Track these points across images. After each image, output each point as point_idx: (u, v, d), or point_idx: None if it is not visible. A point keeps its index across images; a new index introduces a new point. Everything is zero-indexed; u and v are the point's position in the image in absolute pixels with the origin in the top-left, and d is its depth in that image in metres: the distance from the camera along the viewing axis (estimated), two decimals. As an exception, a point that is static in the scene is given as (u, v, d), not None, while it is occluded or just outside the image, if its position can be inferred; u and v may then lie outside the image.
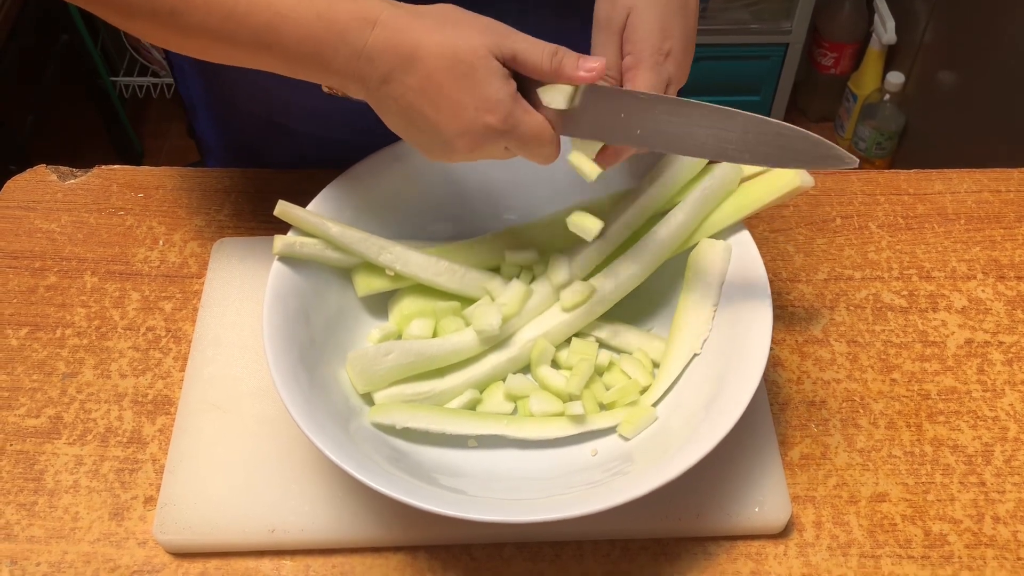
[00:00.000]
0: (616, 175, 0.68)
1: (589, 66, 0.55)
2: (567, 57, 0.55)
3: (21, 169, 0.84)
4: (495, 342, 0.66)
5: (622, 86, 0.58)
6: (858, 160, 0.53)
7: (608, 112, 0.57)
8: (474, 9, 0.56)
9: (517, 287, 0.66)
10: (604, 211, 0.67)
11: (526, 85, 0.57)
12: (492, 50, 0.54)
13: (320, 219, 0.64)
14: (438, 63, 0.53)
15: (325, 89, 0.59)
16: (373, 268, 0.66)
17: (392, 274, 0.66)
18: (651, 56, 0.57)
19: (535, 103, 0.57)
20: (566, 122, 0.57)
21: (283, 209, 0.63)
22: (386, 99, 0.55)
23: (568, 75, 0.55)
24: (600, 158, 0.59)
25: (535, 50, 0.55)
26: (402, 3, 0.55)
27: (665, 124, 0.56)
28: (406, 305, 0.67)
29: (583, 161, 0.58)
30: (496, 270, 0.70)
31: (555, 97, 0.56)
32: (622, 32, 0.59)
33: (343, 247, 0.65)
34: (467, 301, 0.68)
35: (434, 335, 0.67)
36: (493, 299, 0.67)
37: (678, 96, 0.59)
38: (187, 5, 0.53)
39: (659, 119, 0.56)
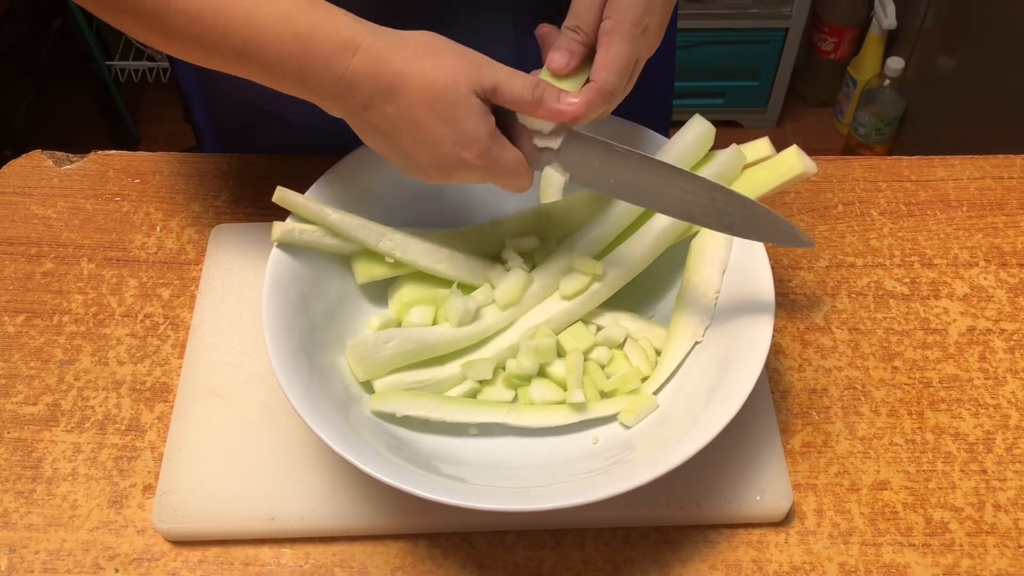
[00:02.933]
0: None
1: (570, 100, 0.56)
2: (548, 90, 0.56)
3: (16, 155, 0.83)
4: (495, 330, 0.65)
5: (595, 49, 0.58)
6: (815, 242, 0.54)
7: (584, 157, 0.58)
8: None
9: (517, 275, 0.66)
10: (605, 198, 0.66)
11: (506, 116, 0.57)
12: (472, 85, 0.54)
13: (319, 205, 0.63)
14: (419, 97, 0.53)
15: None
16: (373, 255, 0.66)
17: (392, 261, 0.66)
18: (630, 27, 0.57)
19: (512, 135, 0.57)
20: (542, 158, 0.58)
21: (282, 195, 0.63)
22: (365, 123, 0.56)
23: (549, 108, 0.55)
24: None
25: (516, 82, 0.55)
26: (382, 28, 0.55)
27: (637, 178, 0.58)
28: (406, 292, 0.67)
29: (552, 179, 0.59)
30: (496, 257, 0.70)
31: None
32: None
33: (342, 234, 0.64)
34: (468, 288, 0.68)
35: (434, 323, 0.66)
36: (493, 287, 0.66)
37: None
38: (169, 11, 0.53)
39: (632, 173, 0.58)
